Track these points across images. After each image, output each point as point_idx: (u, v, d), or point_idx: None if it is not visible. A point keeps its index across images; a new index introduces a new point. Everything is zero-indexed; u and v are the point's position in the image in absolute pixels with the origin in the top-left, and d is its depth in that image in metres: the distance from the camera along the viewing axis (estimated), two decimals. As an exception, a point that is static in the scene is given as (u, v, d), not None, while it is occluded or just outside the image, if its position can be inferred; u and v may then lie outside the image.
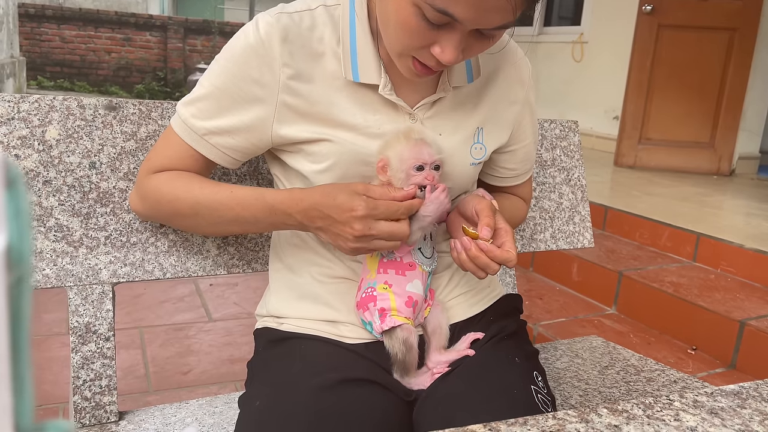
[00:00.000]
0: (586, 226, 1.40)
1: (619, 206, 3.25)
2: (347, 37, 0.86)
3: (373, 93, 0.87)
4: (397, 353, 0.87)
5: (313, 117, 0.86)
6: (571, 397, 1.14)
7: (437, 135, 0.90)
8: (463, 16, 0.73)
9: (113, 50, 10.26)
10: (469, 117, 0.94)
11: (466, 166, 0.94)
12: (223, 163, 0.91)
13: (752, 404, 0.67)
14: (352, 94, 0.87)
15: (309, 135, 0.87)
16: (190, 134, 0.89)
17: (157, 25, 10.41)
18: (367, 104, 0.88)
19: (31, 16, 9.74)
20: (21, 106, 0.93)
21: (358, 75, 0.86)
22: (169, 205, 0.91)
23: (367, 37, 0.87)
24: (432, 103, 0.91)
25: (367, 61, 0.86)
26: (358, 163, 0.87)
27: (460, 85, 0.93)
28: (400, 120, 0.89)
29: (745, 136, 4.65)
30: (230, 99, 0.86)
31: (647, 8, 4.45)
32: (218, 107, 0.87)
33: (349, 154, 0.86)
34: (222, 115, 0.87)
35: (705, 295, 2.41)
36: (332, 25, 0.87)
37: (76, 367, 0.96)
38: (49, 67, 9.97)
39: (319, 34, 0.87)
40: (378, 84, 0.87)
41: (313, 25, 0.87)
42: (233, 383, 2.01)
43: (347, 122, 0.87)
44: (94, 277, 0.96)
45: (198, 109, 0.88)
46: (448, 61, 0.77)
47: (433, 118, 0.91)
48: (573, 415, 0.61)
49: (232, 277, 2.84)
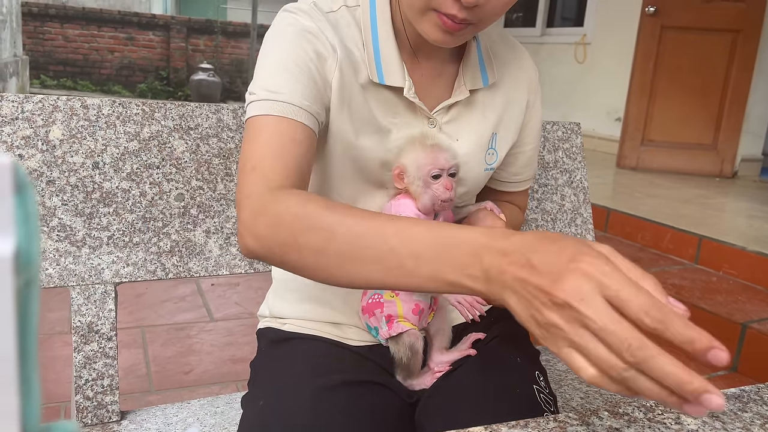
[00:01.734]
0: (588, 228, 1.40)
1: (621, 208, 3.25)
2: (369, 38, 0.86)
3: (394, 95, 0.87)
4: (402, 358, 0.87)
5: (348, 111, 0.84)
6: (572, 400, 1.14)
7: (454, 141, 0.90)
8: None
9: (116, 49, 10.27)
10: (484, 122, 0.93)
11: (480, 172, 0.94)
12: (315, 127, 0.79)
13: (753, 408, 0.67)
14: (376, 95, 0.86)
15: (339, 126, 0.83)
16: (281, 106, 0.76)
17: (160, 25, 10.42)
18: (390, 107, 0.87)
19: (34, 14, 9.75)
20: (25, 106, 0.93)
21: (383, 77, 0.85)
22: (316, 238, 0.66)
23: (390, 39, 0.86)
24: (449, 107, 0.90)
25: (391, 63, 0.85)
26: (376, 166, 0.86)
27: (477, 89, 0.92)
28: (419, 124, 0.88)
29: (747, 138, 4.65)
30: (300, 69, 0.79)
31: (650, 10, 4.45)
32: (292, 78, 0.78)
33: (364, 155, 0.86)
34: (298, 82, 0.78)
35: (707, 298, 2.40)
36: (355, 25, 0.87)
37: (78, 366, 0.96)
38: (52, 66, 9.99)
39: (344, 32, 0.86)
40: (402, 86, 0.86)
41: (339, 23, 0.86)
42: (234, 383, 2.01)
43: (371, 122, 0.86)
44: (96, 276, 0.97)
45: (274, 85, 0.77)
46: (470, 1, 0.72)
47: (451, 123, 0.91)
48: (574, 418, 0.61)
49: (234, 277, 2.85)
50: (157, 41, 10.39)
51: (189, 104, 1.04)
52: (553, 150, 1.36)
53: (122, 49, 10.29)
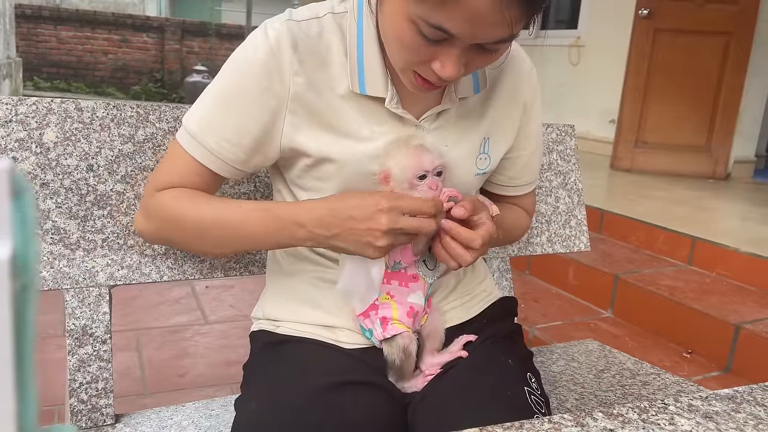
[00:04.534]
0: (582, 230, 1.40)
1: (615, 210, 3.26)
2: (354, 48, 0.85)
3: (379, 105, 0.86)
4: (395, 360, 0.88)
5: (320, 126, 0.85)
6: (566, 401, 1.14)
7: (443, 146, 0.89)
8: (458, 32, 0.71)
9: (110, 51, 10.26)
10: (475, 127, 0.93)
11: (470, 177, 0.93)
12: (231, 176, 0.89)
13: (747, 408, 0.67)
14: (357, 105, 0.86)
15: (315, 145, 0.85)
16: (197, 147, 0.86)
17: (154, 27, 10.41)
18: (374, 115, 0.86)
19: (27, 16, 9.73)
20: (19, 109, 0.93)
21: (365, 87, 0.85)
22: (174, 224, 0.88)
23: (374, 49, 0.85)
24: (437, 114, 0.90)
25: (374, 73, 0.85)
26: (360, 176, 0.86)
27: (467, 96, 0.92)
28: (406, 131, 0.87)
29: (740, 139, 4.67)
30: (239, 109, 0.84)
31: (644, 12, 4.47)
32: (225, 118, 0.85)
33: (352, 166, 0.85)
34: (230, 126, 0.84)
35: (700, 299, 2.42)
36: (340, 33, 0.86)
37: (73, 369, 0.96)
38: (45, 68, 9.97)
39: (326, 42, 0.85)
40: (384, 97, 0.85)
41: (321, 33, 0.85)
42: (229, 386, 2.01)
43: (352, 133, 0.85)
44: (90, 279, 0.96)
45: (205, 122, 0.85)
46: (448, 76, 0.76)
47: (439, 129, 0.90)
48: (569, 419, 0.62)
49: (228, 280, 2.84)
50: (151, 43, 10.37)
51: (183, 106, 1.04)
52: (548, 152, 1.37)
53: (116, 51, 10.27)
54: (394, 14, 0.75)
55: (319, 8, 0.87)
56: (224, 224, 0.86)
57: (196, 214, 0.86)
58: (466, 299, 1.01)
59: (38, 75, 9.80)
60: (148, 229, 0.93)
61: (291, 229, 0.83)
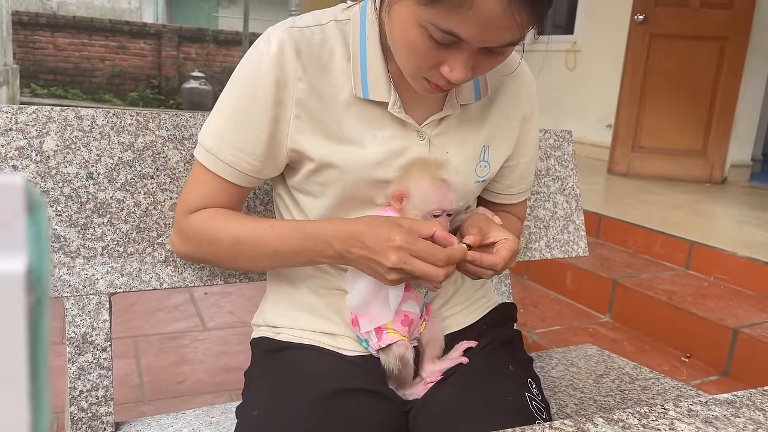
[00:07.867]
0: (580, 235, 1.41)
1: (612, 214, 3.27)
2: (357, 53, 0.86)
3: (381, 110, 0.87)
4: (393, 369, 0.88)
5: (323, 132, 0.86)
6: (566, 406, 1.15)
7: (444, 153, 0.90)
8: (468, 36, 0.72)
9: (107, 58, 10.26)
10: (475, 135, 0.93)
11: (470, 184, 0.94)
12: (251, 184, 0.91)
13: (746, 413, 0.67)
14: (360, 110, 0.86)
15: (318, 151, 0.86)
16: (215, 162, 0.87)
17: (151, 33, 10.42)
18: (376, 121, 0.87)
19: (24, 23, 9.73)
20: (19, 117, 0.94)
21: (368, 92, 0.85)
22: (210, 246, 0.90)
23: (377, 54, 0.86)
24: (439, 120, 0.90)
25: (377, 78, 0.86)
26: (361, 182, 0.87)
27: (468, 103, 0.92)
28: (408, 137, 0.88)
29: (737, 144, 4.69)
30: (248, 119, 0.85)
31: (639, 18, 4.49)
32: (237, 130, 0.86)
33: (354, 172, 0.86)
34: (242, 137, 0.86)
35: (698, 303, 2.42)
36: (343, 40, 0.87)
37: (73, 377, 0.96)
38: (42, 74, 9.96)
39: (329, 49, 0.86)
40: (387, 101, 0.86)
41: (324, 41, 0.86)
42: (228, 392, 2.00)
43: (354, 139, 0.86)
44: (90, 287, 0.96)
45: (219, 136, 0.87)
46: (457, 79, 0.77)
47: (441, 135, 0.91)
48: (569, 425, 0.62)
49: (227, 286, 2.84)
50: (148, 49, 10.38)
51: (183, 114, 1.04)
52: (545, 157, 1.37)
53: (113, 57, 10.27)
54: (403, 19, 0.76)
55: (322, 16, 0.88)
56: (257, 244, 0.88)
57: (231, 235, 0.88)
58: (466, 305, 1.01)
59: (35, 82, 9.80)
60: (185, 251, 0.95)
61: (320, 246, 0.84)
